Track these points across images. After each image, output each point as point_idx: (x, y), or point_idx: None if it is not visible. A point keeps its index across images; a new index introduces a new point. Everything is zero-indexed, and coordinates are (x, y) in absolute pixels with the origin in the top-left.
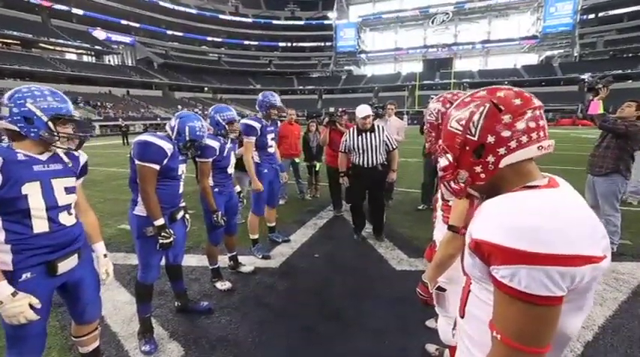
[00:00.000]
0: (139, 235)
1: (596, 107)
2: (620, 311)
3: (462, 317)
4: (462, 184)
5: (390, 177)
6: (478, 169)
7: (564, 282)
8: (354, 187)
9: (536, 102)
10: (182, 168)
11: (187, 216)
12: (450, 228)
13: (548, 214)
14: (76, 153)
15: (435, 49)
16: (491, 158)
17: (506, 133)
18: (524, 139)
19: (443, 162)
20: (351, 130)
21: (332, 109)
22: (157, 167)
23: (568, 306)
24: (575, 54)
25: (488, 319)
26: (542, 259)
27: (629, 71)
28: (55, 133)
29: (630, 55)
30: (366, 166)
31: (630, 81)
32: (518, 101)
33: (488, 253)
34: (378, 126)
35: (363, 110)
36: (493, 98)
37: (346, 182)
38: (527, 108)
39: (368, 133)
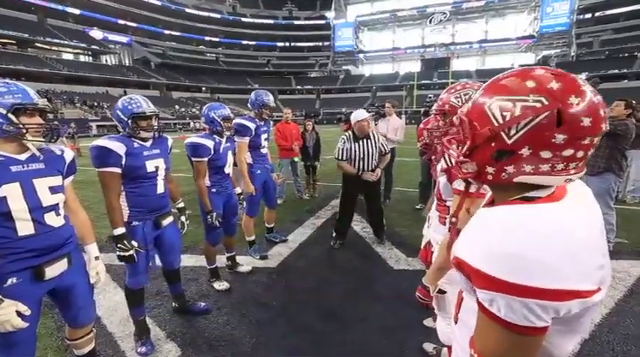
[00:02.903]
0: None
1: None
2: (617, 309)
3: (456, 323)
4: (463, 174)
5: (376, 173)
6: (490, 170)
7: (547, 314)
8: (348, 194)
9: (604, 127)
10: (154, 164)
11: (184, 219)
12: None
13: (535, 241)
14: (58, 151)
15: (432, 48)
16: (510, 168)
17: (546, 154)
18: (559, 166)
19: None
20: (347, 135)
21: (345, 110)
22: (117, 170)
23: (558, 329)
24: (572, 54)
25: None
26: (520, 290)
27: (625, 71)
28: (21, 125)
29: (626, 54)
30: (361, 174)
31: (626, 80)
32: (587, 122)
33: (468, 274)
34: (373, 132)
35: (360, 114)
36: (564, 105)
37: (373, 175)
38: (590, 135)
39: (365, 140)
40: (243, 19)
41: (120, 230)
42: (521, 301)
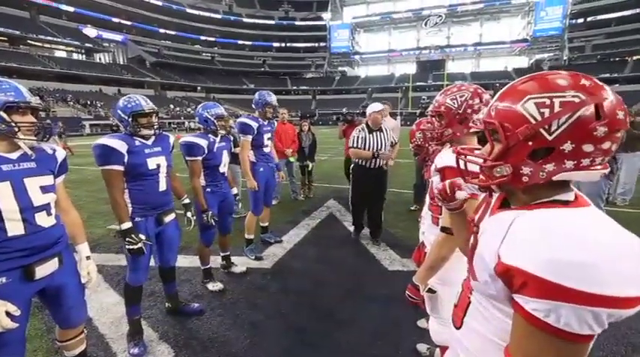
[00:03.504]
0: None
1: None
2: None
3: (459, 328)
4: (495, 179)
5: (390, 154)
6: (526, 170)
7: (609, 320)
8: (358, 188)
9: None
10: (156, 161)
11: (190, 215)
12: (443, 229)
13: (602, 249)
14: (49, 150)
15: (428, 50)
16: (550, 167)
17: (588, 148)
18: (598, 160)
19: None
20: (362, 127)
21: (345, 110)
22: (120, 168)
23: None
24: (565, 57)
25: (489, 335)
26: (593, 300)
27: (617, 75)
28: (13, 124)
29: (617, 59)
30: (372, 166)
31: (617, 84)
32: (621, 116)
33: (522, 283)
34: (384, 126)
35: (375, 106)
36: (600, 100)
37: (386, 158)
38: (623, 127)
39: (378, 133)
40: (240, 19)
41: (127, 225)
42: (591, 310)
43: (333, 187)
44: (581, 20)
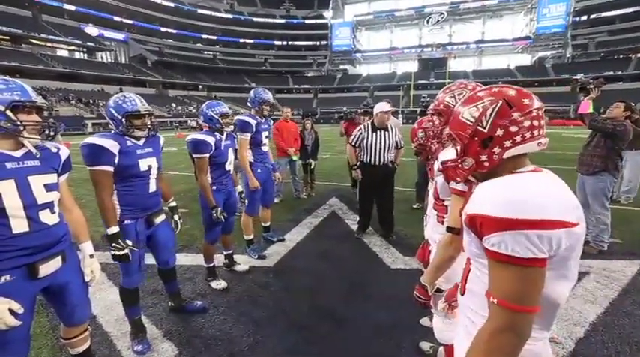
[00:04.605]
0: None
1: (586, 106)
2: (611, 308)
3: (463, 294)
4: (466, 170)
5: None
6: (483, 158)
7: (543, 244)
8: (364, 186)
9: (539, 103)
10: (147, 163)
11: (177, 218)
12: (449, 229)
13: (526, 189)
14: (54, 149)
15: (429, 48)
16: (497, 149)
17: (513, 129)
18: (527, 135)
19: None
20: (366, 125)
21: (346, 109)
22: (110, 169)
23: (551, 273)
24: (568, 55)
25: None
26: (521, 224)
27: (620, 73)
28: (19, 123)
29: (621, 56)
30: (377, 163)
31: (621, 82)
32: (526, 101)
33: (480, 225)
34: (391, 125)
35: (383, 106)
36: (506, 96)
37: (359, 174)
38: (533, 107)
39: (383, 131)
40: (241, 18)
41: (114, 229)
42: (523, 233)
43: (335, 185)
44: (584, 17)
